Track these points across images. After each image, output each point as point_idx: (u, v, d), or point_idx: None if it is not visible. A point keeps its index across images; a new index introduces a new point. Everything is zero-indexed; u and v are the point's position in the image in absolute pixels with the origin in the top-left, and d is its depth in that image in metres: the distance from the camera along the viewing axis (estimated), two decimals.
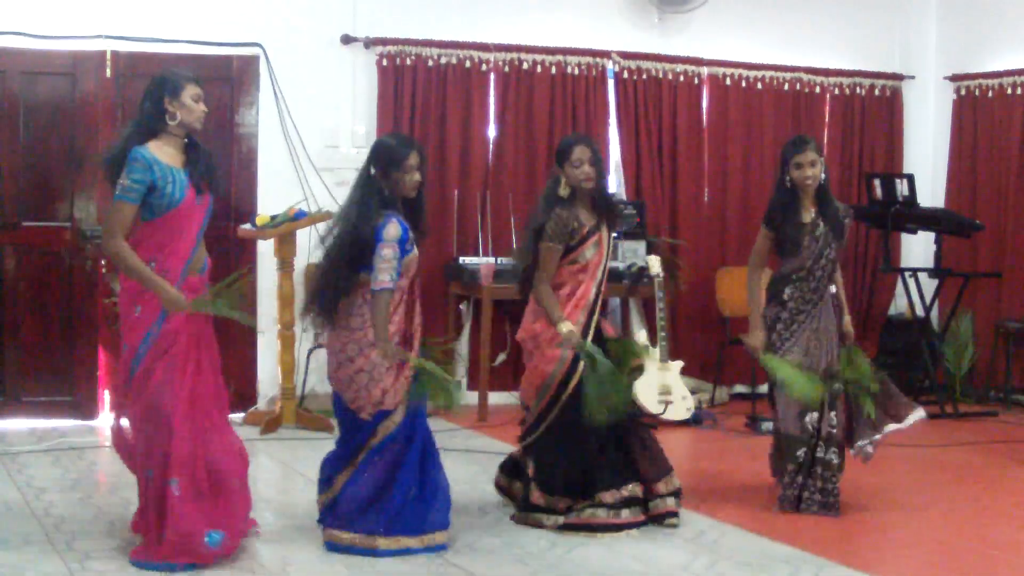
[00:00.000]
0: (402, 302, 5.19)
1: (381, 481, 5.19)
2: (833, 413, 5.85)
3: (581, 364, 5.51)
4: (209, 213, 5.04)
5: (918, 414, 5.95)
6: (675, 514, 5.65)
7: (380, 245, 5.05)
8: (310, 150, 8.33)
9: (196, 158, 4.98)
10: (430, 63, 8.63)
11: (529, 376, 5.72)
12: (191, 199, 4.91)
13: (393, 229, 5.08)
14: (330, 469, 5.33)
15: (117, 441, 5.14)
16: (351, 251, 5.10)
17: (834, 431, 5.86)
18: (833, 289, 5.97)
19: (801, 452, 5.85)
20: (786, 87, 9.61)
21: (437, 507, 5.25)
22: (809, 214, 5.90)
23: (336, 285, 5.13)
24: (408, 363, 5.15)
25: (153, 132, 4.89)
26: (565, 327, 5.50)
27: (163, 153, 4.87)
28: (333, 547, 5.17)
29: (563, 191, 5.62)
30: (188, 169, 4.93)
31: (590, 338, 5.58)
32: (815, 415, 5.83)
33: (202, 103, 4.95)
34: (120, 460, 5.22)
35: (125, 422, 5.05)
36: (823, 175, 5.88)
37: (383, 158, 5.19)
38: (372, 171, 5.21)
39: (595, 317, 5.63)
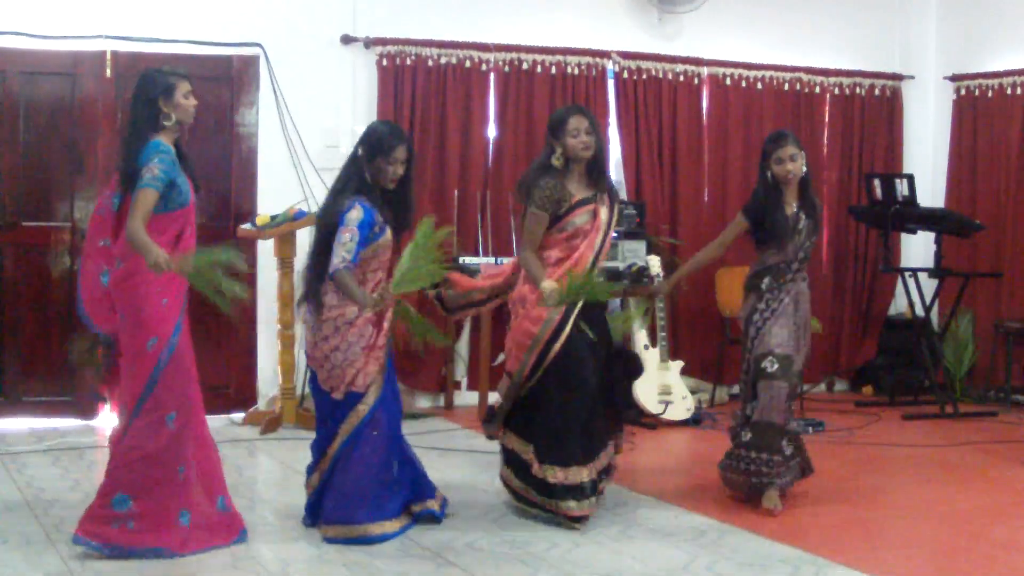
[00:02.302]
0: (375, 290, 5.25)
1: (357, 474, 5.28)
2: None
3: (567, 328, 5.45)
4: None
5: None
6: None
7: (340, 228, 5.14)
8: (310, 150, 8.33)
9: (186, 156, 5.10)
10: (430, 63, 8.63)
11: (514, 335, 5.61)
12: (193, 200, 5.04)
13: (355, 213, 5.15)
14: (312, 458, 5.48)
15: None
16: (323, 235, 5.25)
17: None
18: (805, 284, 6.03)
19: (786, 443, 5.93)
20: (786, 87, 9.62)
21: (410, 482, 5.51)
22: (791, 208, 5.95)
23: (314, 269, 5.27)
24: (389, 314, 5.31)
25: (153, 128, 4.97)
26: (548, 284, 5.43)
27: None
28: (332, 541, 5.26)
29: (557, 161, 5.53)
30: (189, 169, 5.08)
31: (567, 326, 5.48)
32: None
33: (192, 96, 5.06)
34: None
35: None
36: (804, 168, 5.93)
37: (372, 142, 5.28)
38: (359, 152, 5.29)
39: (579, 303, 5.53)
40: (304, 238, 7.62)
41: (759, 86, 9.52)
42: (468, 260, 8.44)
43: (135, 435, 4.98)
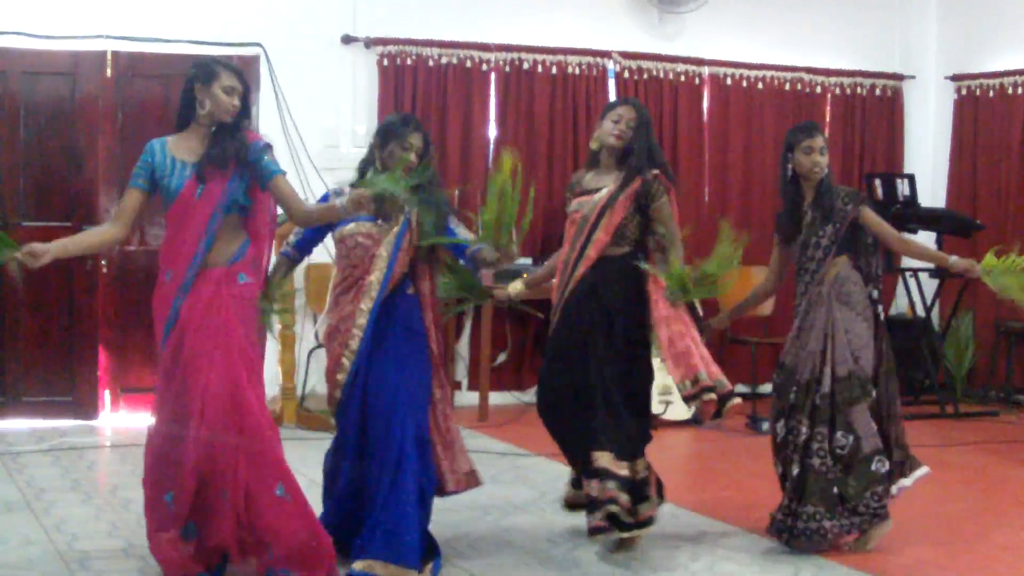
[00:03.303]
0: (352, 286, 4.97)
1: (348, 499, 5.02)
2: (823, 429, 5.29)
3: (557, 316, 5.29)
4: (224, 204, 4.63)
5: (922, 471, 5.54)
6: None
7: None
8: (310, 150, 8.33)
9: (214, 143, 4.65)
10: (431, 63, 8.63)
11: None
12: (191, 191, 4.62)
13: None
14: None
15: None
16: None
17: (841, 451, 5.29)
18: (875, 293, 5.44)
19: (776, 463, 5.42)
20: (787, 87, 9.61)
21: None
22: (806, 202, 5.45)
23: None
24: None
25: (185, 122, 4.69)
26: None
27: (180, 146, 4.68)
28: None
29: (593, 144, 5.37)
30: (201, 160, 4.66)
31: (562, 302, 5.27)
32: (782, 423, 5.39)
33: (235, 97, 4.64)
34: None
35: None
36: (827, 167, 5.40)
37: (386, 128, 5.00)
38: (372, 143, 5.03)
39: (572, 277, 5.26)
40: None
41: (760, 86, 9.52)
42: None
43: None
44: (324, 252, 5.73)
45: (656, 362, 8.31)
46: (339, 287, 5.02)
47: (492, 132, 8.86)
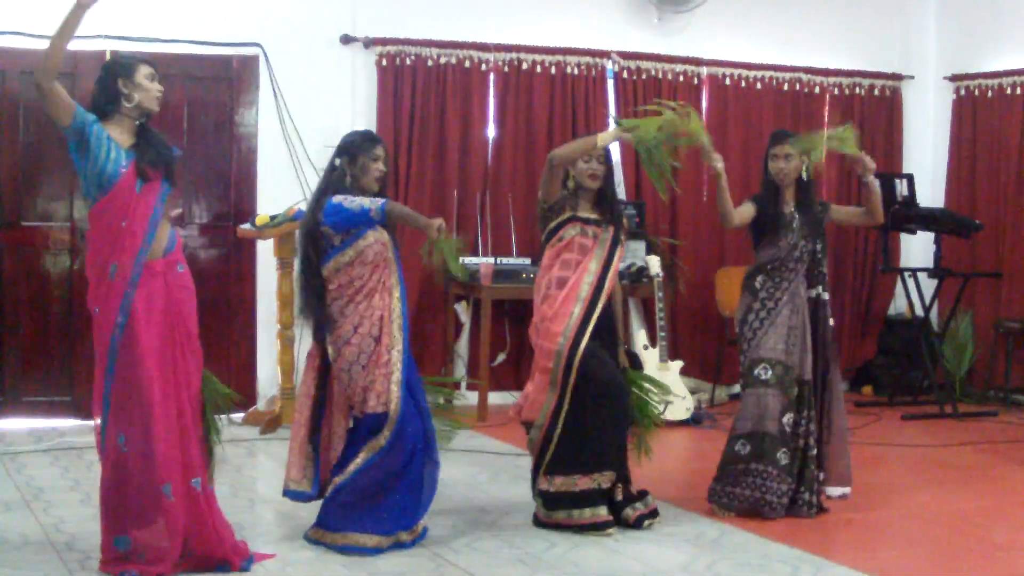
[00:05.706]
0: (365, 294, 5.14)
1: (374, 487, 5.16)
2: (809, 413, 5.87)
3: (582, 345, 5.42)
4: (163, 199, 4.75)
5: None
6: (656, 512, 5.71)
7: (341, 202, 5.08)
8: (310, 150, 8.33)
9: (146, 142, 4.72)
10: (429, 63, 8.63)
11: (535, 364, 5.57)
12: (129, 183, 4.65)
13: (334, 201, 5.09)
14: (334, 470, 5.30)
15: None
16: (309, 247, 5.16)
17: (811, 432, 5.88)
18: (814, 293, 5.92)
19: (782, 454, 5.78)
20: (785, 87, 9.61)
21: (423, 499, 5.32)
22: (788, 206, 5.91)
23: (311, 286, 5.16)
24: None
25: (104, 114, 4.70)
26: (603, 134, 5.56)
27: (110, 131, 4.68)
28: (313, 542, 5.24)
29: (570, 183, 5.61)
30: (135, 153, 4.69)
31: (585, 337, 5.43)
32: (791, 416, 5.79)
33: (156, 82, 4.73)
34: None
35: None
36: (805, 175, 5.88)
37: (352, 145, 5.26)
38: (336, 163, 5.24)
39: (595, 315, 5.48)
40: None
41: (758, 86, 9.52)
42: (467, 260, 8.44)
43: (104, 463, 4.74)
44: None
45: (655, 362, 8.39)
46: (360, 291, 5.15)
47: (491, 132, 8.86)
